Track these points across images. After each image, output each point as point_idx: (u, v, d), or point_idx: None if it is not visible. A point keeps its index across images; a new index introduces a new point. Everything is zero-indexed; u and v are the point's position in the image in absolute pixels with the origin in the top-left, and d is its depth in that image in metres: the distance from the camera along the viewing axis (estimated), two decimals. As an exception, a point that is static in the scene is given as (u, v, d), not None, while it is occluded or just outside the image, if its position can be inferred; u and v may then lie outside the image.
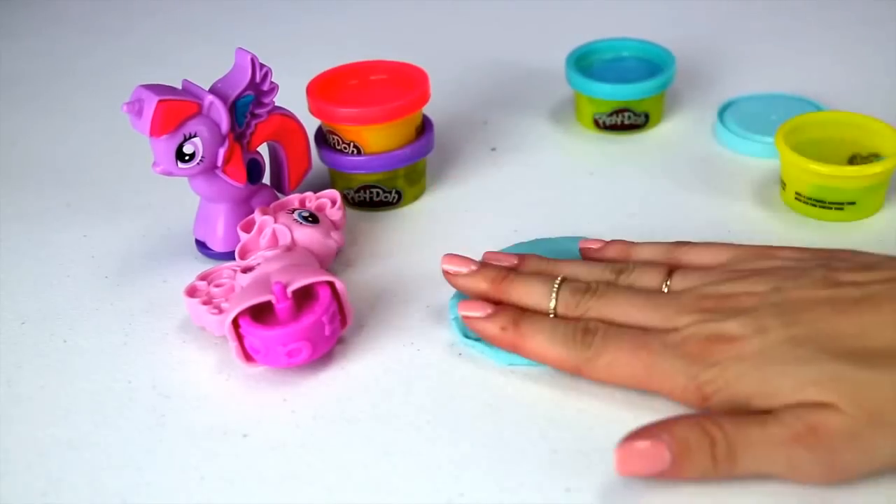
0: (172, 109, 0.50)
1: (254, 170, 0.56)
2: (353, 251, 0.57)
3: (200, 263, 0.56)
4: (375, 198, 0.61)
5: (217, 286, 0.51)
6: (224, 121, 0.52)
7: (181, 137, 0.51)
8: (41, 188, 0.65)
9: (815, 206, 0.57)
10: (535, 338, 0.46)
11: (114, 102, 0.53)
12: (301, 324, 0.47)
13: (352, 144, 0.59)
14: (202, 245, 0.57)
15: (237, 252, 0.53)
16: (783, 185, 0.59)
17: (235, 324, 0.47)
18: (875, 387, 0.40)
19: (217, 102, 0.52)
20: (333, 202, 0.56)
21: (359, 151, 0.59)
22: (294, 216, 0.53)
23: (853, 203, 0.57)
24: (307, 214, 0.53)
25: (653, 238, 0.52)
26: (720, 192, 0.60)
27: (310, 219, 0.53)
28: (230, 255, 0.55)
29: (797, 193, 0.58)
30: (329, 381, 0.48)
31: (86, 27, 0.89)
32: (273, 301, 0.47)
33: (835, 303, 0.43)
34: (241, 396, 0.48)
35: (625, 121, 0.66)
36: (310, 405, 0.47)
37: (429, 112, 0.62)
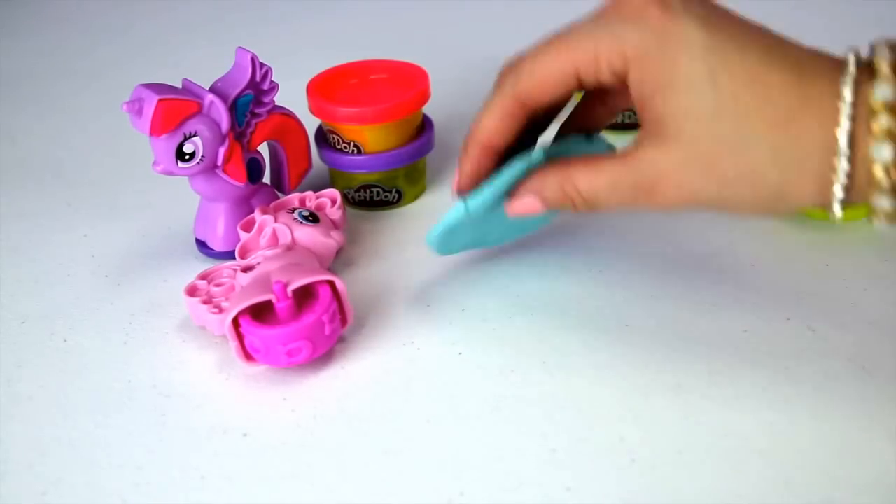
0: (172, 108, 0.50)
1: (254, 169, 0.56)
2: (354, 250, 0.57)
3: (200, 263, 0.56)
4: (375, 197, 0.61)
5: (217, 285, 0.51)
6: (224, 120, 0.52)
7: (181, 136, 0.51)
8: (41, 188, 0.65)
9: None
10: (482, 125, 0.49)
11: (114, 102, 0.53)
12: (301, 323, 0.47)
13: (352, 144, 0.59)
14: (202, 244, 0.57)
15: (237, 251, 0.53)
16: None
17: (236, 323, 0.47)
18: (733, 139, 0.41)
19: (217, 102, 0.52)
20: (333, 201, 0.56)
21: (359, 151, 0.59)
22: (294, 215, 0.53)
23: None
24: (307, 214, 0.53)
25: (653, 238, 0.52)
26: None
27: (310, 218, 0.53)
28: (230, 255, 0.55)
29: (797, 193, 0.58)
30: (329, 381, 0.48)
31: (86, 27, 0.89)
32: (273, 300, 0.47)
33: (753, 46, 0.43)
34: (242, 396, 0.48)
35: (625, 120, 0.66)
36: (310, 405, 0.47)
37: (429, 111, 0.62)
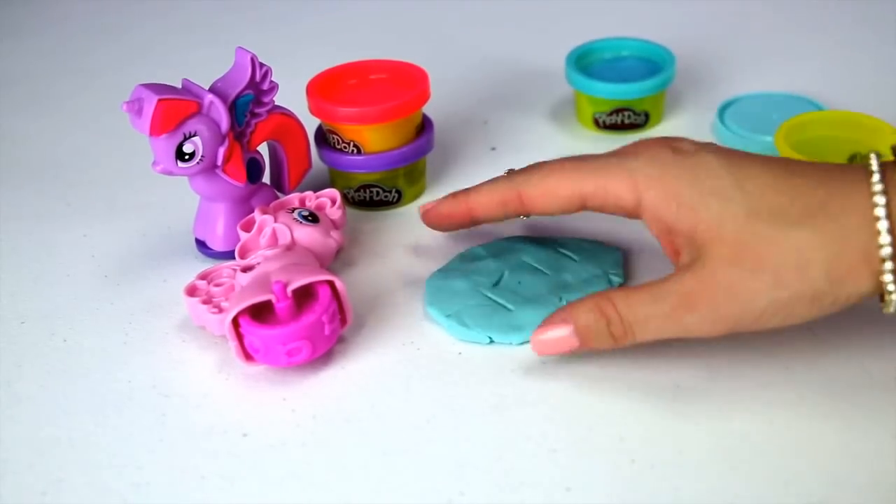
0: (172, 108, 0.50)
1: (254, 169, 0.56)
2: (353, 250, 0.57)
3: (200, 263, 0.56)
4: (375, 197, 0.61)
5: (217, 285, 0.51)
6: (224, 120, 0.52)
7: (181, 136, 0.51)
8: (41, 188, 0.65)
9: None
10: (480, 191, 0.50)
11: (114, 102, 0.53)
12: (301, 323, 0.47)
13: (352, 144, 0.59)
14: (202, 244, 0.57)
15: (237, 251, 0.53)
16: (783, 185, 0.59)
17: (235, 323, 0.47)
18: (766, 233, 0.41)
19: (217, 101, 0.52)
20: (333, 201, 0.56)
21: (359, 151, 0.59)
22: (294, 215, 0.53)
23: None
24: (307, 214, 0.53)
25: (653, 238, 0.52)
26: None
27: (310, 218, 0.53)
28: (230, 255, 0.55)
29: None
30: (329, 381, 0.48)
31: (86, 27, 0.89)
32: (273, 300, 0.47)
33: (773, 163, 0.44)
34: (241, 396, 0.48)
35: (625, 120, 0.66)
36: (310, 405, 0.47)
37: (429, 111, 0.62)
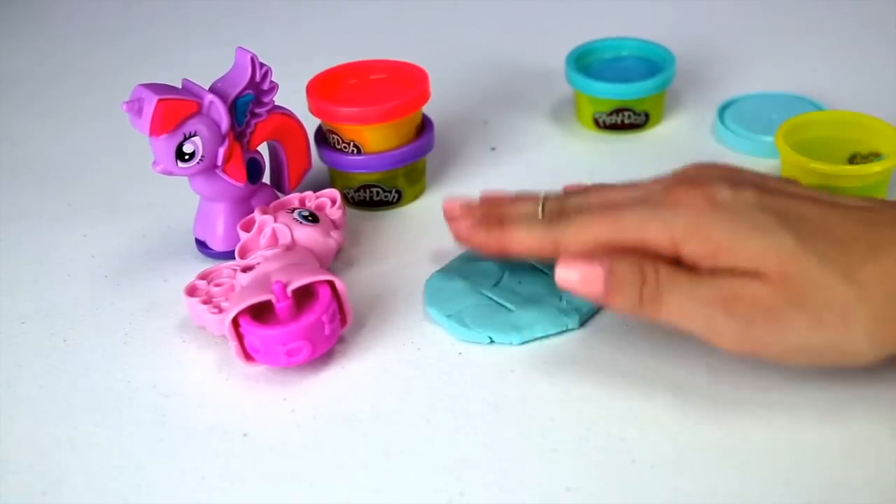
0: (172, 108, 0.50)
1: (254, 169, 0.56)
2: (353, 250, 0.57)
3: (200, 263, 0.56)
4: (375, 197, 0.61)
5: (217, 285, 0.51)
6: (224, 120, 0.52)
7: (181, 136, 0.51)
8: (41, 188, 0.65)
9: (816, 206, 0.57)
10: (517, 231, 0.47)
11: (114, 102, 0.53)
12: (301, 323, 0.47)
13: (352, 144, 0.59)
14: (202, 244, 0.57)
15: (237, 251, 0.53)
16: (783, 185, 0.59)
17: (235, 323, 0.47)
18: (813, 273, 0.41)
19: (217, 101, 0.52)
20: (333, 201, 0.56)
21: (359, 151, 0.59)
22: (294, 215, 0.53)
23: (853, 202, 0.57)
24: (307, 214, 0.53)
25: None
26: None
27: (310, 218, 0.53)
28: (230, 255, 0.55)
29: (797, 193, 0.58)
30: (329, 381, 0.48)
31: (86, 27, 0.89)
32: (273, 300, 0.47)
33: (805, 194, 0.45)
34: (241, 396, 0.48)
35: (625, 120, 0.66)
36: (310, 405, 0.47)
37: (429, 111, 0.62)
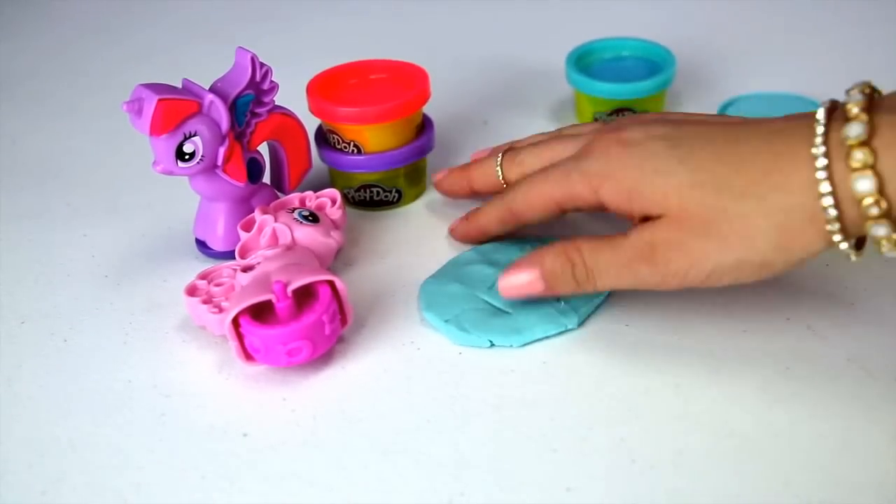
0: (172, 108, 0.50)
1: (254, 169, 0.56)
2: (354, 250, 0.57)
3: (200, 263, 0.56)
4: (375, 197, 0.61)
5: (217, 285, 0.51)
6: (224, 120, 0.52)
7: (181, 136, 0.51)
8: (41, 188, 0.65)
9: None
10: (480, 219, 0.55)
11: (114, 102, 0.53)
12: (301, 323, 0.47)
13: (352, 143, 0.59)
14: (202, 244, 0.57)
15: (237, 251, 0.53)
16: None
17: (235, 323, 0.47)
18: (708, 201, 0.43)
19: (217, 101, 0.52)
20: (333, 201, 0.56)
21: (359, 150, 0.59)
22: (294, 215, 0.53)
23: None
24: (307, 213, 0.53)
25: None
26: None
27: (310, 218, 0.53)
28: (230, 255, 0.55)
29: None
30: (329, 381, 0.48)
31: (86, 27, 0.89)
32: (273, 300, 0.47)
33: (702, 120, 0.48)
34: (241, 396, 0.48)
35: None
36: (310, 405, 0.47)
37: (429, 111, 0.62)
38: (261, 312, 0.48)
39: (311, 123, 0.60)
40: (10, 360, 0.51)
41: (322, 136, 0.61)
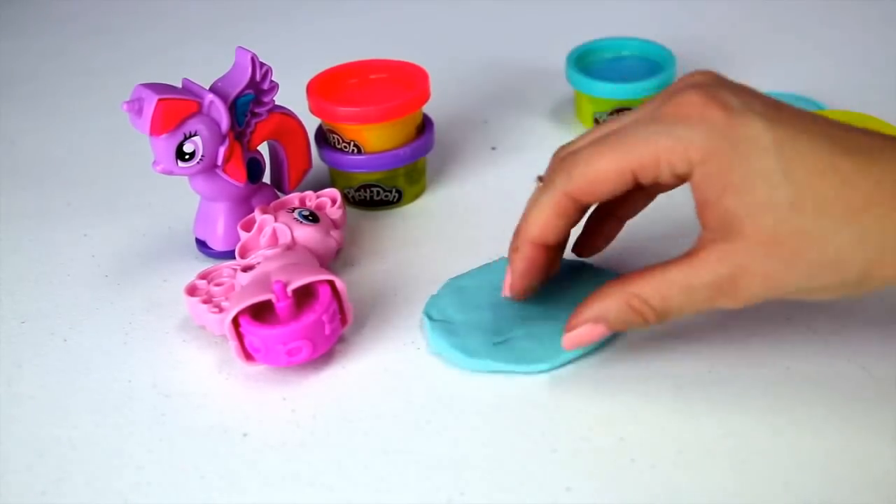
0: (172, 108, 0.50)
1: (254, 169, 0.56)
2: (354, 250, 0.57)
3: (200, 262, 0.56)
4: (375, 197, 0.61)
5: (217, 285, 0.51)
6: (224, 120, 0.52)
7: (181, 136, 0.51)
8: (41, 188, 0.65)
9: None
10: (529, 220, 0.46)
11: (114, 102, 0.53)
12: (301, 323, 0.47)
13: (352, 143, 0.59)
14: (202, 244, 0.57)
15: (237, 251, 0.53)
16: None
17: (235, 323, 0.47)
18: (808, 227, 0.40)
19: (217, 101, 0.52)
20: (333, 201, 0.56)
21: (359, 150, 0.59)
22: (294, 215, 0.53)
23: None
24: (307, 213, 0.53)
25: (652, 238, 0.52)
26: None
27: (310, 218, 0.53)
28: (230, 254, 0.55)
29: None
30: (329, 381, 0.48)
31: (86, 27, 0.89)
32: (273, 300, 0.47)
33: (820, 137, 0.41)
34: (241, 395, 0.48)
35: (625, 120, 0.66)
36: (310, 404, 0.47)
37: (429, 111, 0.62)
38: (261, 312, 0.48)
39: (311, 123, 0.60)
40: (10, 360, 0.51)
41: (322, 136, 0.61)
